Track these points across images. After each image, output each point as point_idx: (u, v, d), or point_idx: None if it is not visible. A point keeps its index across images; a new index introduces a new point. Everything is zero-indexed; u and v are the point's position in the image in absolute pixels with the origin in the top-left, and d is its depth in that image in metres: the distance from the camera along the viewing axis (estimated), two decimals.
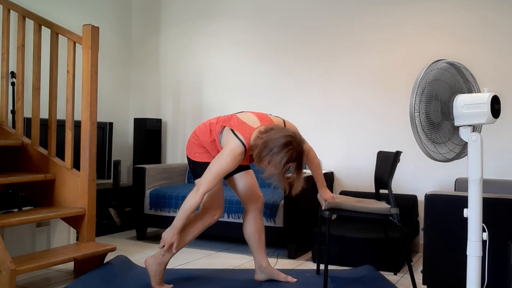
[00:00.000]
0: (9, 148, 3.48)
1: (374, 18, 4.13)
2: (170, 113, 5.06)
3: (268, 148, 2.41)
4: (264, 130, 2.51)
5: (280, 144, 2.39)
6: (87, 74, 3.23)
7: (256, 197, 2.88)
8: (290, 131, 2.47)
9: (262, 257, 2.91)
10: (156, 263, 2.69)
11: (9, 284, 2.44)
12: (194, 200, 2.52)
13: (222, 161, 2.52)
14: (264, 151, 2.41)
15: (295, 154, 2.43)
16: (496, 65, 3.71)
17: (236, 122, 2.61)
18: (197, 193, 2.52)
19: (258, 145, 2.44)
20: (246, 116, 2.67)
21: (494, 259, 2.51)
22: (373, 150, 4.07)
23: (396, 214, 2.73)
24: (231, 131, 2.58)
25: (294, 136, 2.45)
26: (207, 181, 2.51)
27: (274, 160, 2.40)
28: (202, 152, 2.76)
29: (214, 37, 4.84)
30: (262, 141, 2.43)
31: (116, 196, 4.53)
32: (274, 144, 2.40)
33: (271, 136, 2.42)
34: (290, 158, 2.41)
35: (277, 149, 2.39)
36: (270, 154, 2.40)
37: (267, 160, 2.42)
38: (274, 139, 2.41)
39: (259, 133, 2.51)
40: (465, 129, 2.08)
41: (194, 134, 2.81)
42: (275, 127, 2.51)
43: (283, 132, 2.44)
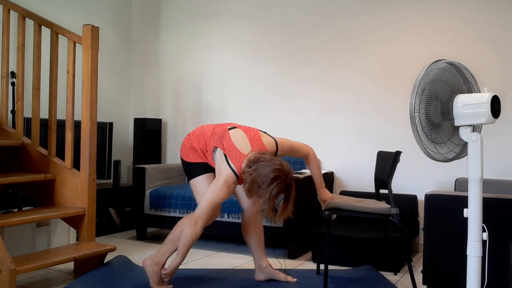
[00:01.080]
0: (9, 148, 3.48)
1: (374, 18, 4.13)
2: (170, 113, 5.06)
3: (257, 184, 2.44)
4: (253, 160, 2.51)
5: (268, 179, 2.42)
6: (87, 74, 3.23)
7: None
8: (278, 163, 2.47)
9: (261, 257, 2.91)
10: (153, 263, 2.69)
11: (9, 284, 2.44)
12: (194, 234, 2.54)
13: (217, 191, 2.55)
14: (254, 186, 2.46)
15: (283, 186, 2.46)
16: (496, 65, 3.72)
17: (228, 146, 2.63)
18: (195, 225, 2.53)
19: (247, 180, 2.47)
20: (238, 137, 2.66)
21: (494, 259, 2.51)
22: (373, 150, 4.07)
23: (396, 214, 2.73)
24: (224, 157, 2.61)
25: (282, 168, 2.46)
26: (204, 211, 2.55)
27: (264, 194, 2.45)
28: (194, 153, 2.81)
29: (214, 37, 4.84)
30: (251, 177, 2.45)
31: (116, 196, 4.53)
32: (262, 179, 2.43)
33: (260, 171, 2.44)
34: (279, 191, 2.46)
35: (266, 184, 2.43)
36: (260, 189, 2.45)
37: (258, 194, 2.47)
38: (263, 174, 2.43)
39: (248, 163, 2.52)
40: (465, 129, 2.08)
41: (188, 138, 2.85)
42: (262, 157, 2.50)
43: (270, 166, 2.44)
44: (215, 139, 2.72)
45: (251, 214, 2.88)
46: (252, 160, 2.52)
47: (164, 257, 2.70)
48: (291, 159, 4.21)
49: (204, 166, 2.79)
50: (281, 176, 2.45)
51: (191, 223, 2.54)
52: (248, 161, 2.54)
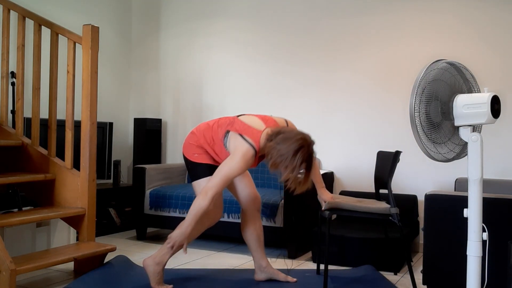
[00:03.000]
0: (9, 148, 3.48)
1: (374, 18, 4.13)
2: (170, 113, 5.06)
3: (282, 156, 2.43)
4: (272, 133, 2.52)
5: (293, 149, 2.42)
6: (87, 74, 3.23)
7: (254, 197, 2.88)
8: (299, 132, 2.49)
9: (261, 257, 2.91)
10: (154, 263, 2.69)
11: (9, 284, 2.44)
12: (203, 204, 2.50)
13: (233, 165, 2.52)
14: (278, 158, 2.44)
15: (307, 156, 2.46)
16: (496, 65, 3.72)
17: (241, 126, 2.62)
18: (205, 196, 2.50)
19: (271, 153, 2.46)
20: (249, 119, 2.68)
21: (494, 259, 2.51)
22: (373, 150, 4.07)
23: (396, 214, 2.73)
24: (239, 136, 2.58)
25: (304, 137, 2.47)
26: (217, 184, 2.52)
27: (290, 165, 2.43)
28: (201, 153, 2.75)
29: (214, 37, 4.84)
30: (274, 150, 2.45)
31: (116, 196, 4.53)
32: (287, 150, 2.43)
33: (283, 142, 2.45)
34: (302, 160, 2.44)
35: (291, 154, 2.42)
36: (285, 160, 2.43)
37: (283, 166, 2.45)
38: (287, 145, 2.43)
39: (268, 136, 2.52)
40: (465, 129, 2.08)
41: (192, 135, 2.80)
42: (282, 130, 2.52)
43: (293, 136, 2.46)
44: (223, 127, 2.69)
45: (251, 213, 2.88)
46: (272, 134, 2.52)
47: (165, 257, 2.70)
48: None
49: (209, 168, 2.73)
50: (305, 145, 2.45)
51: (201, 193, 2.52)
52: (268, 135, 2.53)
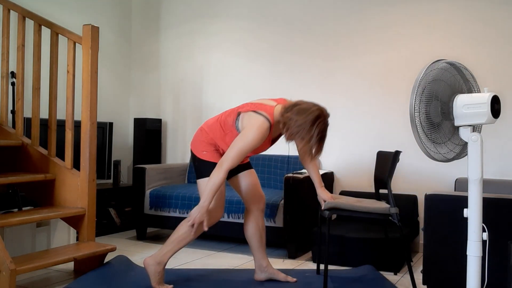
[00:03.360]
0: (9, 148, 3.48)
1: (374, 18, 4.13)
2: (170, 113, 5.06)
3: (300, 126, 2.48)
4: (289, 105, 2.55)
5: (311, 119, 2.48)
6: (87, 74, 3.23)
7: (259, 196, 2.88)
8: (315, 103, 2.55)
9: (262, 257, 2.91)
10: (155, 263, 2.69)
11: (9, 284, 2.44)
12: (219, 177, 2.51)
13: (248, 137, 2.53)
14: (296, 129, 2.48)
15: (324, 127, 2.53)
16: (496, 65, 3.72)
17: (253, 105, 2.65)
18: (220, 169, 2.51)
19: (289, 124, 2.49)
20: (260, 100, 2.72)
21: (494, 259, 2.51)
22: (373, 150, 4.07)
23: (396, 214, 2.73)
24: (252, 112, 2.60)
25: (321, 107, 2.54)
26: (232, 157, 2.52)
27: (306, 136, 2.49)
28: (210, 151, 2.73)
29: (214, 37, 4.84)
30: (292, 121, 2.48)
31: (116, 196, 4.53)
32: (305, 120, 2.48)
33: (301, 113, 2.49)
34: (319, 130, 2.51)
35: (309, 124, 2.47)
36: (302, 131, 2.48)
37: (300, 136, 2.49)
38: (305, 115, 2.48)
39: (284, 109, 2.55)
40: (465, 129, 2.08)
41: (202, 131, 2.77)
42: (299, 102, 2.57)
43: (310, 107, 2.51)
44: (233, 113, 2.69)
45: (255, 213, 2.88)
46: (288, 106, 2.55)
47: (166, 257, 2.70)
48: (291, 159, 4.21)
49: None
50: (321, 116, 2.51)
51: (216, 167, 2.53)
52: (284, 107, 2.56)
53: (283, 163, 4.20)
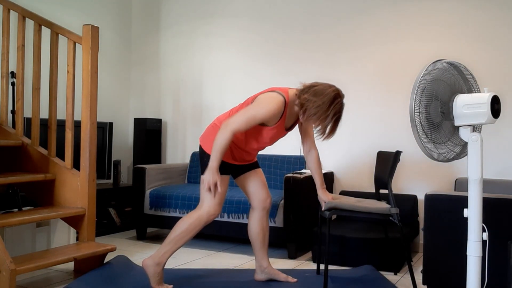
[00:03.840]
0: (9, 148, 3.48)
1: (374, 18, 4.13)
2: (170, 113, 5.06)
3: (318, 107, 2.49)
4: (305, 87, 2.58)
5: (329, 100, 2.49)
6: (87, 74, 3.23)
7: (265, 196, 2.88)
8: (332, 86, 2.56)
9: (263, 257, 2.91)
10: (154, 264, 2.69)
11: (9, 284, 2.44)
12: (225, 137, 2.50)
13: (261, 105, 2.53)
14: (314, 110, 2.50)
15: (340, 108, 2.55)
16: (496, 65, 3.72)
17: (267, 89, 2.67)
18: (225, 129, 2.50)
19: (307, 104, 2.51)
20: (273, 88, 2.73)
21: (494, 259, 2.51)
22: (373, 150, 4.07)
23: (396, 214, 2.73)
24: (267, 92, 2.61)
25: (338, 90, 2.55)
26: (240, 121, 2.51)
27: (323, 116, 2.51)
28: None
29: (214, 37, 4.84)
30: (311, 103, 2.50)
31: (116, 196, 4.53)
32: (323, 101, 2.50)
33: (318, 94, 2.51)
34: (336, 112, 2.53)
35: (327, 105, 2.50)
36: (320, 111, 2.50)
37: (318, 117, 2.51)
38: (322, 97, 2.50)
39: (301, 91, 2.57)
40: (465, 129, 2.08)
41: (215, 127, 2.73)
42: (315, 83, 2.58)
43: (327, 88, 2.53)
44: (247, 102, 2.69)
45: (261, 213, 2.87)
46: (305, 87, 2.58)
47: (165, 257, 2.70)
48: (291, 159, 4.21)
49: (224, 166, 2.71)
50: (338, 97, 2.53)
51: (221, 127, 2.52)
52: (300, 90, 2.58)
53: (283, 163, 4.20)
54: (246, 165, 2.87)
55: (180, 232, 2.69)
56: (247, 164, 2.87)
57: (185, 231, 2.68)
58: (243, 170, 2.86)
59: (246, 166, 2.87)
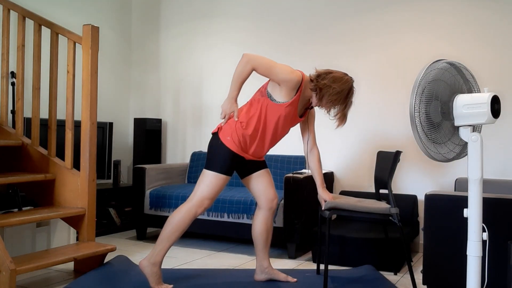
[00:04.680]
0: (9, 148, 3.48)
1: (374, 18, 4.13)
2: (170, 113, 5.06)
3: (339, 93, 2.62)
4: (321, 73, 2.68)
5: (348, 87, 2.65)
6: (87, 74, 3.23)
7: (273, 196, 2.88)
8: (346, 74, 2.70)
9: (265, 257, 2.91)
10: (150, 264, 2.68)
11: (9, 284, 2.44)
12: (244, 70, 2.65)
13: (280, 65, 2.64)
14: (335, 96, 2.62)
15: (353, 94, 2.71)
16: (496, 65, 3.72)
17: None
18: (246, 63, 2.63)
19: (325, 90, 2.63)
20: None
21: (494, 259, 2.51)
22: (373, 150, 4.07)
23: (396, 214, 2.73)
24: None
25: (351, 78, 2.70)
26: (260, 61, 2.63)
27: (343, 102, 2.66)
28: (234, 140, 2.69)
29: (214, 37, 4.84)
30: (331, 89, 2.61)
31: (116, 196, 4.53)
32: (342, 88, 2.63)
33: (337, 81, 2.63)
34: (352, 98, 2.70)
35: (347, 92, 2.65)
36: (341, 97, 2.64)
37: (338, 103, 2.65)
38: (341, 84, 2.63)
39: (316, 77, 2.67)
40: (465, 129, 2.08)
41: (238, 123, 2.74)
42: (330, 70, 2.70)
43: (343, 75, 2.67)
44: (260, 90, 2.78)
45: (266, 212, 2.87)
46: (321, 73, 2.68)
47: (160, 256, 2.69)
48: (291, 159, 4.21)
49: (231, 158, 2.68)
50: (352, 84, 2.70)
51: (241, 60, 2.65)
52: (317, 76, 2.68)
53: (283, 163, 4.20)
54: (254, 165, 2.86)
55: (171, 228, 2.68)
56: (256, 162, 2.86)
57: (175, 226, 2.67)
58: (252, 170, 2.86)
59: (255, 165, 2.86)
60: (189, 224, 2.70)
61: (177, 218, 2.68)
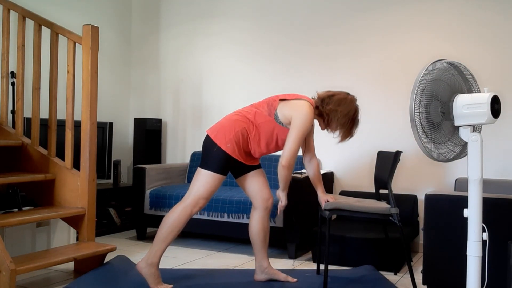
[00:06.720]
0: (9, 148, 3.48)
1: (374, 18, 4.13)
2: (170, 113, 5.06)
3: (346, 116, 2.68)
4: (324, 97, 2.73)
5: (354, 109, 2.71)
6: (87, 74, 3.23)
7: (268, 196, 2.88)
8: (347, 93, 2.75)
9: (263, 257, 2.91)
10: (147, 265, 2.68)
11: (9, 284, 2.44)
12: (288, 172, 2.68)
13: (303, 122, 2.64)
14: (343, 119, 2.68)
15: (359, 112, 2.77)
16: (496, 65, 3.72)
17: (286, 96, 2.76)
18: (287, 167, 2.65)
19: (332, 115, 2.69)
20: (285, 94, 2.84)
21: (494, 259, 2.51)
22: (373, 150, 4.07)
23: (396, 214, 2.73)
24: (293, 100, 2.71)
25: (353, 96, 2.75)
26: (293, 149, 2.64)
27: (351, 123, 2.72)
28: (233, 146, 2.68)
29: (214, 37, 4.84)
30: (338, 113, 2.66)
31: (116, 196, 4.53)
32: (348, 110, 2.69)
33: (342, 103, 2.68)
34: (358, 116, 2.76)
35: (353, 113, 2.70)
36: (349, 119, 2.70)
37: (347, 125, 2.71)
38: (346, 106, 2.69)
39: (321, 101, 2.71)
40: (465, 129, 2.08)
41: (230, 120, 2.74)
42: (332, 92, 2.75)
43: (346, 96, 2.72)
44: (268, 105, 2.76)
45: (262, 213, 2.87)
46: (324, 99, 2.73)
47: (157, 257, 2.69)
48: None
49: (228, 162, 2.68)
50: (356, 103, 2.75)
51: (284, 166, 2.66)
52: (321, 101, 2.73)
53: None
54: (248, 166, 2.87)
55: (166, 228, 2.68)
56: (250, 165, 2.87)
57: (171, 226, 2.67)
58: (246, 170, 2.86)
59: (249, 166, 2.87)
60: (184, 223, 2.70)
61: (172, 218, 2.67)
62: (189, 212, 2.68)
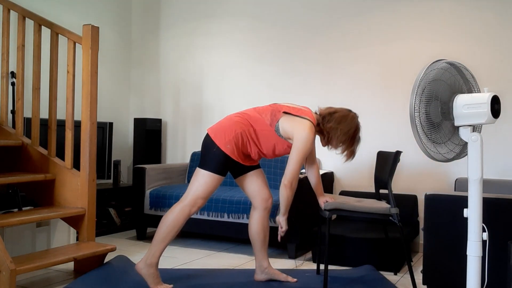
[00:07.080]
0: (9, 148, 3.48)
1: (374, 18, 4.13)
2: (170, 113, 5.06)
3: (346, 134, 2.68)
4: (325, 114, 2.73)
5: (355, 126, 2.71)
6: (87, 74, 3.23)
7: (268, 196, 2.88)
8: (347, 109, 2.76)
9: (263, 257, 2.91)
10: (146, 266, 2.67)
11: (9, 284, 2.44)
12: (290, 193, 2.66)
13: (304, 143, 2.63)
14: (343, 136, 2.68)
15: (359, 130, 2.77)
16: (496, 65, 3.72)
17: (290, 109, 2.75)
18: (291, 186, 2.65)
19: (332, 133, 2.68)
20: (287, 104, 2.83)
21: (494, 259, 2.51)
22: (373, 150, 4.07)
23: (396, 214, 2.73)
24: (293, 116, 2.71)
25: (354, 113, 2.76)
26: (295, 169, 2.64)
27: (352, 140, 2.72)
28: (232, 147, 2.66)
29: (214, 37, 4.84)
30: (338, 131, 2.67)
31: (116, 196, 4.53)
32: (349, 127, 2.69)
33: (342, 121, 2.69)
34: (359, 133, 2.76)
35: (353, 131, 2.70)
36: (350, 137, 2.70)
37: (347, 142, 2.71)
38: (347, 123, 2.69)
39: (324, 120, 2.72)
40: (465, 129, 2.08)
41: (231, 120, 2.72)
42: (333, 109, 2.75)
43: (347, 113, 2.72)
44: (271, 115, 2.74)
45: (262, 213, 2.87)
46: (325, 116, 2.73)
47: (155, 257, 2.68)
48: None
49: (227, 162, 2.67)
50: (357, 119, 2.75)
51: (286, 186, 2.65)
52: (322, 119, 2.73)
53: (283, 163, 4.20)
54: (247, 166, 2.86)
55: (165, 228, 2.67)
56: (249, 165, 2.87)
57: (169, 226, 2.66)
58: (245, 170, 2.86)
59: (248, 167, 2.87)
60: (183, 223, 2.69)
61: (171, 218, 2.67)
62: (187, 212, 2.68)
